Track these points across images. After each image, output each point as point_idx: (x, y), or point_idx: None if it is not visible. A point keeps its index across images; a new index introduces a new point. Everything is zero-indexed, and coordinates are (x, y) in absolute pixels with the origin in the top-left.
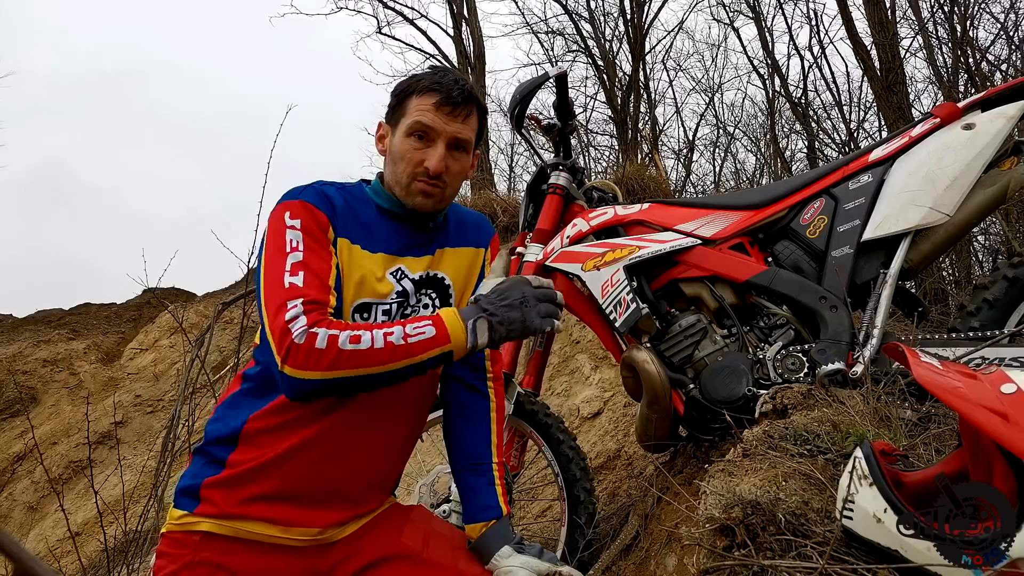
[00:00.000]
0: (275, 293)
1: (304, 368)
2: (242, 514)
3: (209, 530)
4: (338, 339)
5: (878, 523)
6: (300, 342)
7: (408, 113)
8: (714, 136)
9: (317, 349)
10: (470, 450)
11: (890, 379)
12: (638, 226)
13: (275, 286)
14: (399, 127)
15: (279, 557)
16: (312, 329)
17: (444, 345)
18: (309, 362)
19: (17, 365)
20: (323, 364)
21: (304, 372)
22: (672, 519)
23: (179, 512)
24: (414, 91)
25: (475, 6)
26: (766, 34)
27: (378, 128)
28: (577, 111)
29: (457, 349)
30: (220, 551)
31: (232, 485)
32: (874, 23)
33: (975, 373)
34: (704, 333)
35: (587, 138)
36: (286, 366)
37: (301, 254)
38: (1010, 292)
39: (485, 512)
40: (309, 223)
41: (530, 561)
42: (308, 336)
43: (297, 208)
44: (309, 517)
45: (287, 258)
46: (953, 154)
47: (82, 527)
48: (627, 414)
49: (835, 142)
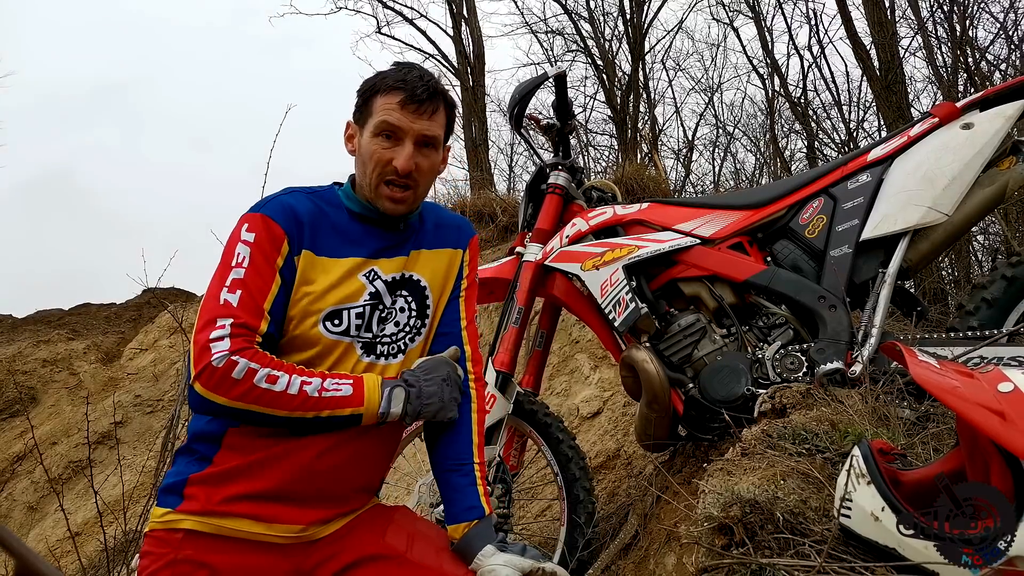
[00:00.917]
0: (209, 306)
1: (215, 391)
2: (225, 511)
3: (192, 528)
4: (255, 374)
5: (876, 521)
6: (217, 365)
7: (374, 112)
8: (713, 136)
9: (232, 378)
10: (453, 451)
11: (888, 378)
12: (637, 226)
13: (211, 299)
14: (366, 127)
15: (262, 555)
16: (233, 356)
17: (356, 406)
18: (221, 387)
19: (17, 365)
20: (233, 393)
21: (212, 395)
22: (671, 518)
23: (162, 510)
24: (379, 90)
25: (474, 6)
26: (766, 34)
27: (346, 128)
28: (576, 111)
29: (368, 413)
30: (202, 549)
31: (216, 482)
32: (873, 23)
33: (972, 372)
34: (703, 333)
35: (587, 138)
36: (197, 383)
37: (244, 271)
38: (1008, 291)
39: (468, 512)
40: (262, 239)
41: (513, 559)
42: (227, 362)
43: (256, 222)
44: (292, 514)
45: (230, 273)
46: (952, 154)
47: (82, 527)
48: (626, 413)
49: (834, 142)
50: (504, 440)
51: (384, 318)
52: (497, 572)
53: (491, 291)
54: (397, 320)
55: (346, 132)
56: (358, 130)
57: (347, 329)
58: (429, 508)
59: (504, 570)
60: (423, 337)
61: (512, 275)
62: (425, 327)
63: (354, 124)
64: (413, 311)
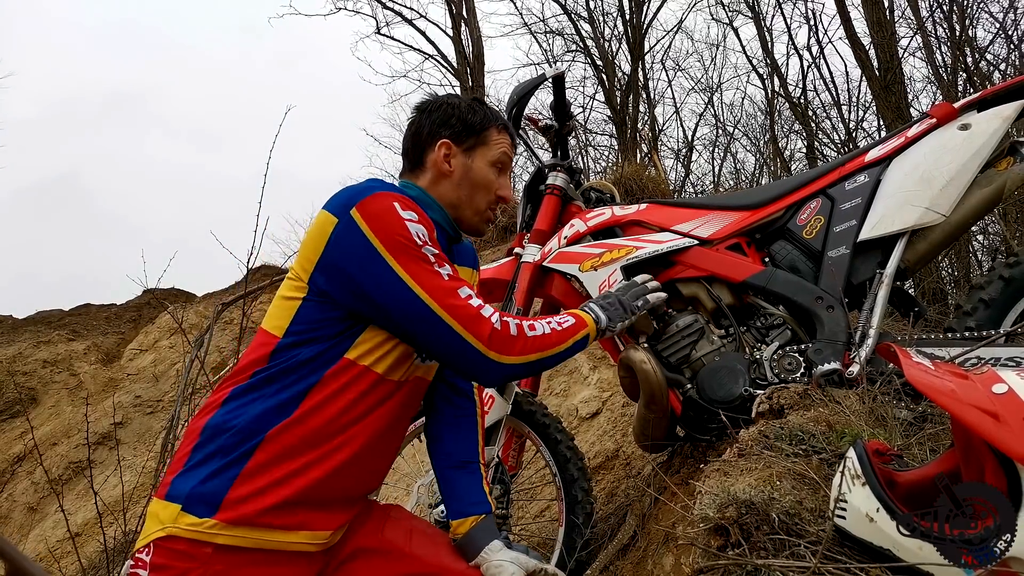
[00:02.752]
0: (434, 282)
1: (504, 352)
2: (265, 523)
3: (226, 543)
4: (521, 328)
5: (871, 522)
6: (499, 328)
7: (490, 144)
8: (713, 136)
9: (511, 336)
10: (459, 450)
11: (886, 379)
12: (635, 226)
13: (429, 274)
14: (477, 154)
15: (292, 566)
16: (503, 319)
17: (584, 328)
18: (505, 346)
19: (17, 366)
20: (515, 348)
21: (505, 356)
22: (669, 519)
23: (192, 518)
24: (492, 124)
25: (474, 6)
26: (765, 34)
27: (441, 146)
28: (576, 111)
29: (591, 331)
30: (233, 564)
31: (258, 492)
32: (872, 23)
33: (967, 373)
34: (701, 333)
35: (586, 138)
36: (489, 349)
37: (435, 249)
38: (1006, 292)
39: (475, 507)
40: (423, 220)
41: (519, 557)
42: (503, 324)
43: (408, 203)
44: (322, 520)
45: (424, 248)
46: (949, 154)
47: (82, 528)
48: (625, 414)
49: (834, 142)
50: (503, 441)
51: None
52: (504, 567)
53: (490, 292)
54: None
55: (440, 151)
56: (459, 152)
57: None
58: (428, 509)
59: (511, 566)
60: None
61: (510, 276)
62: None
63: (455, 146)
64: None
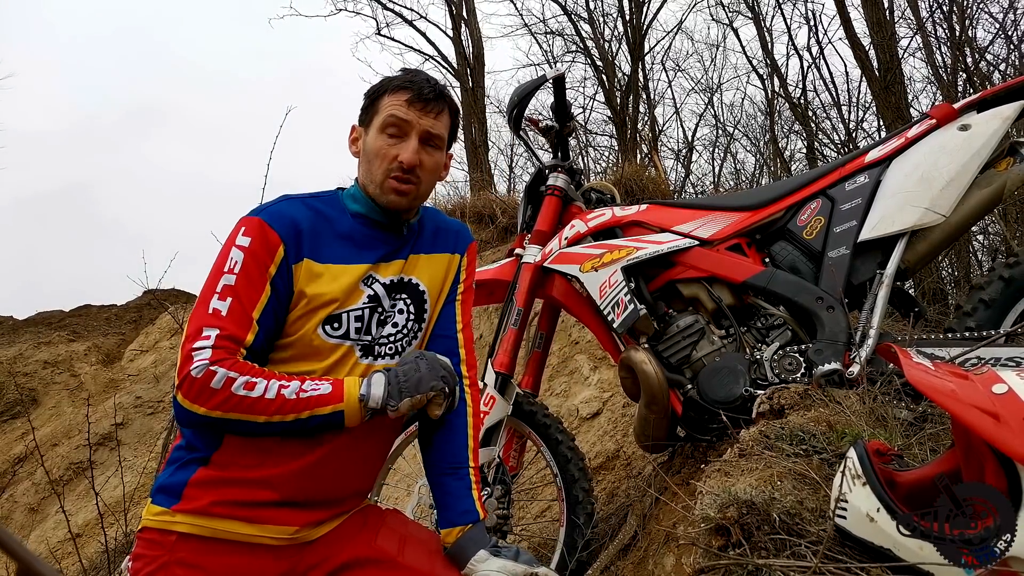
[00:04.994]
0: (198, 313)
1: (194, 401)
2: (219, 513)
3: (186, 531)
4: (233, 383)
5: (871, 522)
6: (196, 376)
7: (381, 110)
8: (713, 136)
9: (211, 387)
10: (449, 454)
11: (886, 379)
12: (636, 227)
13: (202, 305)
14: (372, 125)
15: (255, 557)
16: (212, 367)
17: (336, 403)
18: (200, 397)
19: (18, 367)
20: (212, 403)
21: (193, 405)
22: (670, 519)
23: (157, 508)
24: (386, 90)
25: (474, 7)
26: (765, 34)
27: (351, 132)
28: (576, 112)
29: (349, 406)
30: (196, 551)
31: (215, 484)
32: (872, 23)
33: (967, 373)
34: (702, 334)
35: (586, 138)
36: (179, 393)
37: (235, 278)
38: (1006, 292)
39: (463, 516)
40: (257, 245)
41: (507, 565)
42: (206, 372)
43: (253, 227)
44: (286, 517)
45: (221, 279)
46: (949, 155)
47: (83, 528)
48: (626, 414)
49: (834, 142)
50: (503, 441)
51: (383, 321)
52: None
53: (490, 292)
54: (395, 322)
55: (350, 136)
56: (363, 131)
57: (346, 333)
58: (429, 509)
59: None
60: (419, 340)
61: (511, 277)
62: (421, 331)
63: (359, 127)
64: (411, 315)
